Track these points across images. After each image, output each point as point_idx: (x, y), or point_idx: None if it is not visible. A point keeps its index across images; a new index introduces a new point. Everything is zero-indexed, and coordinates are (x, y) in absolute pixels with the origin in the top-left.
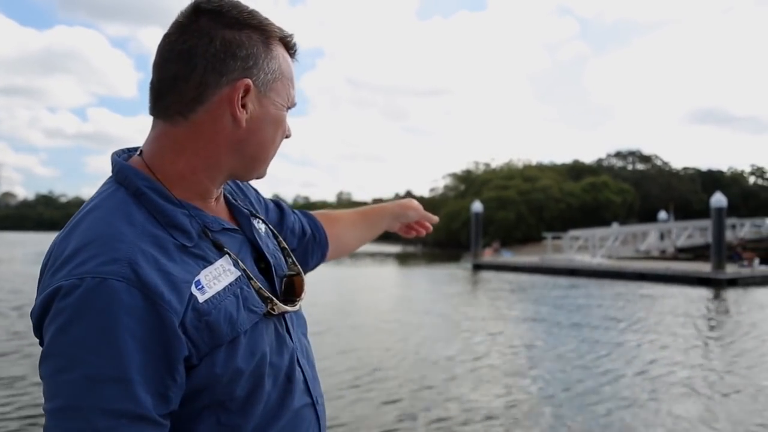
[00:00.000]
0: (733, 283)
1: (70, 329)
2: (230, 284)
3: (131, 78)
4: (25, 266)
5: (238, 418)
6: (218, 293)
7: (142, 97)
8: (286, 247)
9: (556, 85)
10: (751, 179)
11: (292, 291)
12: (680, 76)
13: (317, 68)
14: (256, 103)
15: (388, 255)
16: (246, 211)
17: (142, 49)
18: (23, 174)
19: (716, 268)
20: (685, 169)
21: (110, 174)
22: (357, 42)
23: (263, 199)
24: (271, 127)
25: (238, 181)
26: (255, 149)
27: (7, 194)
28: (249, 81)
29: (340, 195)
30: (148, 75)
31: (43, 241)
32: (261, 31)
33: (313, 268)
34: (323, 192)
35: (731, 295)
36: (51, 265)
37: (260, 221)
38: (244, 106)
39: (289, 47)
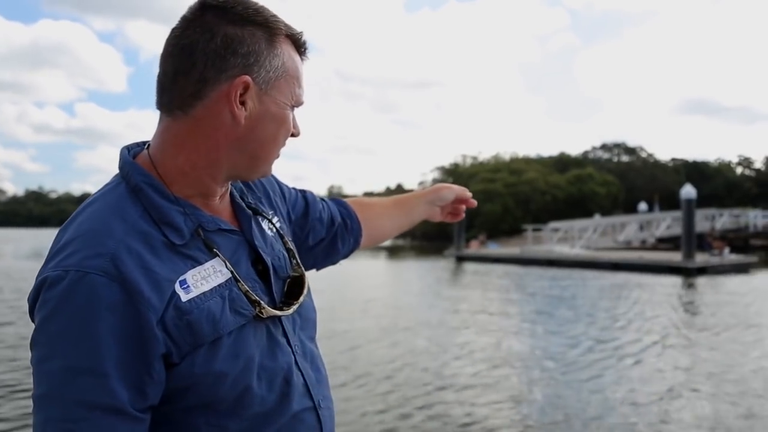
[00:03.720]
0: (703, 271)
1: (52, 320)
2: (219, 286)
3: (120, 72)
4: (16, 262)
5: (226, 420)
6: (204, 294)
7: (131, 91)
8: (292, 248)
9: (545, 77)
10: (739, 170)
11: (294, 293)
12: (670, 66)
13: (306, 61)
14: (256, 100)
15: (378, 248)
16: (248, 211)
17: (129, 43)
18: (12, 170)
19: (686, 257)
20: (673, 160)
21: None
22: (346, 34)
23: (289, 190)
24: (272, 126)
25: (259, 180)
26: (255, 147)
27: None
28: (248, 78)
29: (330, 189)
30: (137, 69)
31: (33, 238)
32: (266, 28)
33: (345, 256)
34: (314, 185)
35: (700, 282)
36: (49, 251)
37: (267, 221)
38: (243, 103)
39: (299, 45)
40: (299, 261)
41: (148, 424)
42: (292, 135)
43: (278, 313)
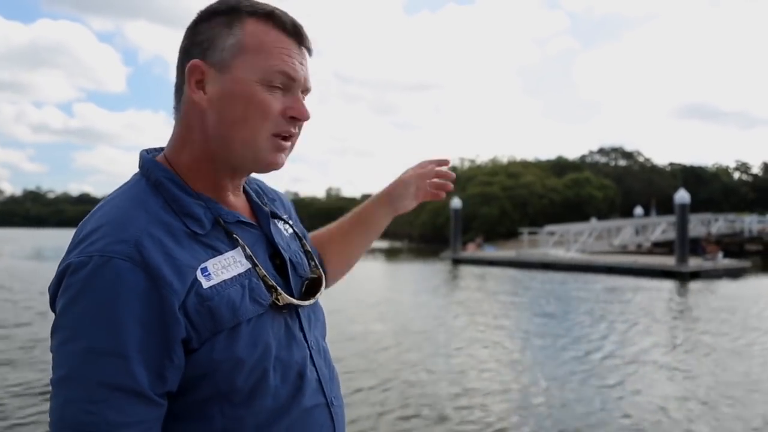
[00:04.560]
0: (696, 275)
1: (76, 303)
2: (239, 275)
3: (119, 73)
4: (13, 261)
5: (242, 410)
6: (224, 281)
7: (130, 92)
8: (310, 250)
9: (544, 81)
10: (736, 175)
11: (312, 293)
12: (669, 70)
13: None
14: (215, 82)
15: (375, 250)
16: (267, 209)
17: (129, 43)
18: (10, 170)
19: (680, 262)
20: (671, 164)
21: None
22: (345, 36)
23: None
24: (238, 106)
25: (273, 189)
26: (228, 130)
27: None
28: (197, 61)
29: (329, 191)
30: (136, 70)
31: (31, 238)
32: (226, 14)
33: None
34: (313, 187)
35: (693, 287)
36: (69, 244)
37: (286, 224)
38: (201, 87)
39: (276, 22)
40: (317, 263)
41: (165, 410)
42: (293, 118)
43: (294, 301)
